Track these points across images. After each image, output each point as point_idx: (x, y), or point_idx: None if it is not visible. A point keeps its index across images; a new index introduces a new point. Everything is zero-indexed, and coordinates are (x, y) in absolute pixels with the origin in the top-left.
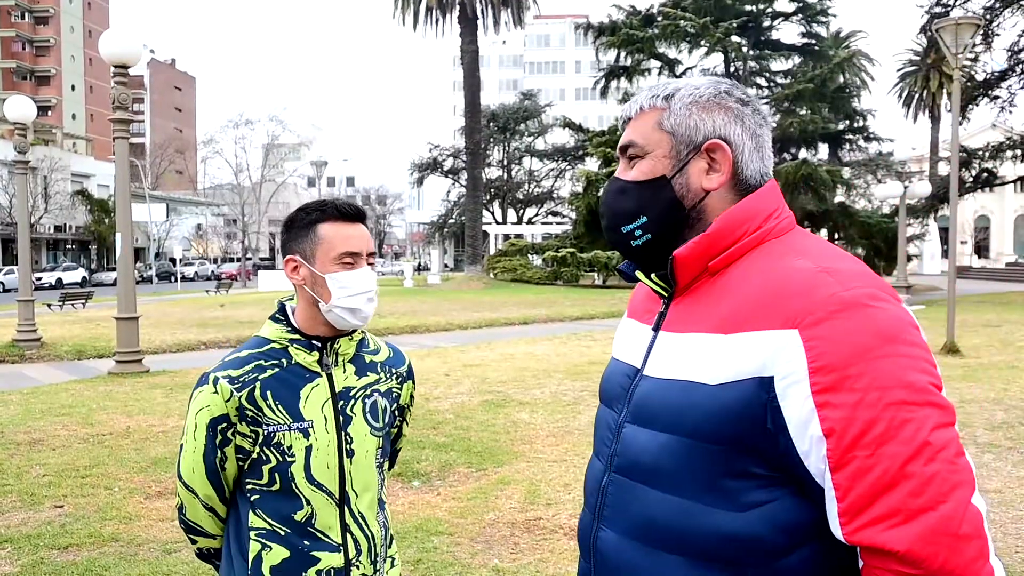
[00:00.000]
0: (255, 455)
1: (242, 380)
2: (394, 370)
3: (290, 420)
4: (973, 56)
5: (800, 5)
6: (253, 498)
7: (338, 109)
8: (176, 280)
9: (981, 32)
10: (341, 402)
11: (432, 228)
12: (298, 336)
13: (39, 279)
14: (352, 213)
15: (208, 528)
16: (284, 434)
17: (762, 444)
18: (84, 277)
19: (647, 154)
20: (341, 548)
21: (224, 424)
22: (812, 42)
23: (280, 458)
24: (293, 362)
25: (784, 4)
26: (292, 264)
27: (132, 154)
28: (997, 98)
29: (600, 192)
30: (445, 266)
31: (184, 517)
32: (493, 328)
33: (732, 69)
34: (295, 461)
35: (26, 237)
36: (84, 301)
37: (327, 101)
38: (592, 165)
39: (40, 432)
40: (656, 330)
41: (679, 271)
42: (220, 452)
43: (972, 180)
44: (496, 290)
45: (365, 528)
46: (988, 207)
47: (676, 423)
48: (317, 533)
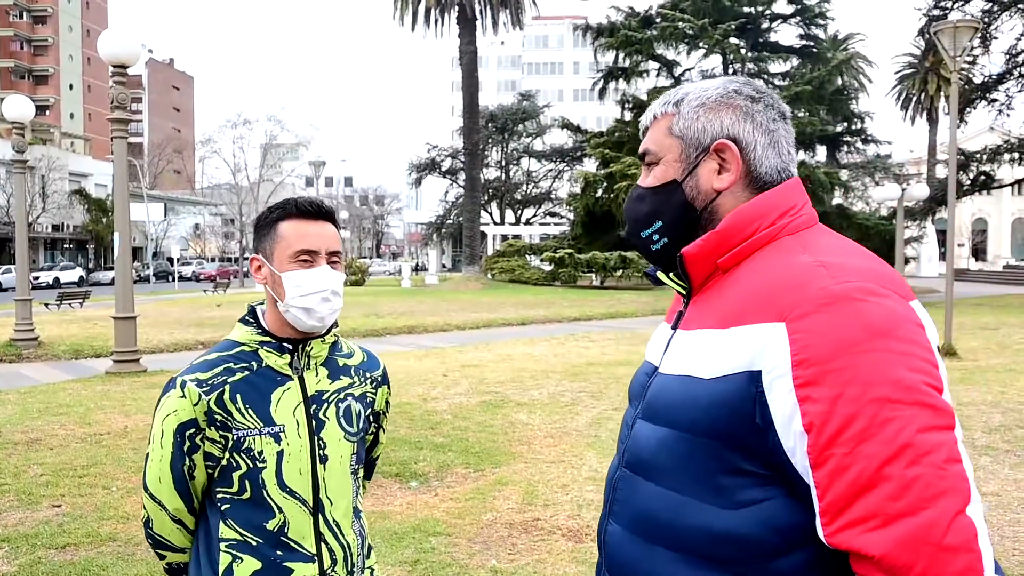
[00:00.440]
0: (225, 461)
1: (211, 383)
2: (368, 374)
3: (260, 424)
4: (971, 59)
5: (799, 7)
6: (224, 507)
7: (336, 109)
8: (174, 280)
9: (979, 35)
10: (313, 406)
11: (430, 228)
12: (268, 338)
13: (36, 278)
14: (314, 211)
15: (176, 542)
16: (254, 439)
17: (752, 440)
18: (81, 276)
19: (661, 160)
20: (315, 558)
21: (192, 429)
22: (810, 44)
23: (250, 464)
24: (264, 365)
25: (783, 6)
26: (255, 263)
27: (130, 153)
28: (995, 101)
29: (598, 193)
30: (443, 266)
31: (151, 531)
32: (491, 329)
33: (730, 71)
34: (266, 467)
35: (24, 236)
36: (81, 300)
37: (325, 101)
38: (590, 166)
39: (38, 432)
40: (674, 328)
41: (690, 269)
42: (188, 459)
43: (970, 183)
44: (494, 291)
45: (340, 537)
46: (985, 210)
47: (675, 417)
48: (290, 543)
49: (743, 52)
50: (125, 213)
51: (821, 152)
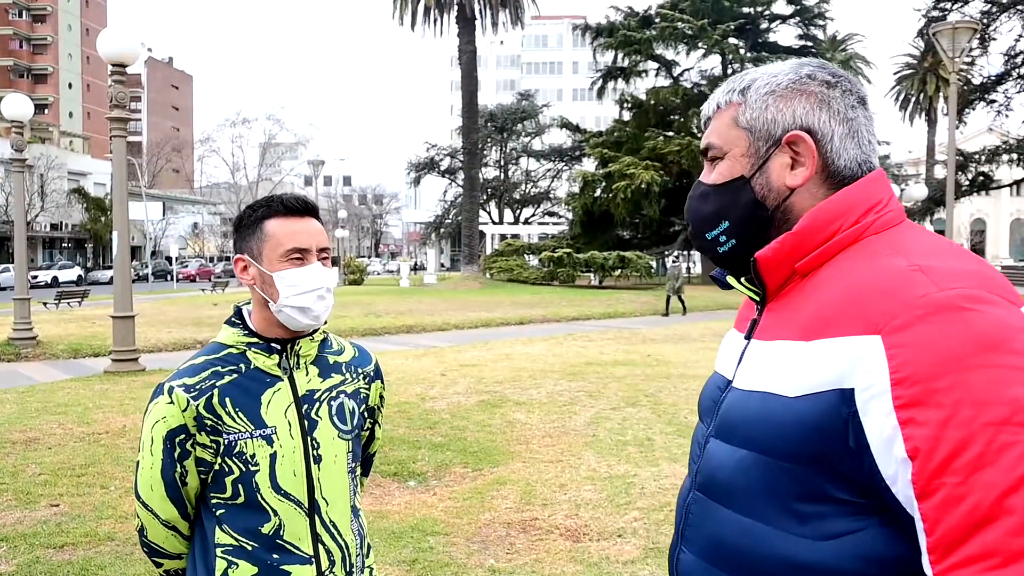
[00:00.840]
0: (217, 466)
1: (199, 388)
2: (360, 370)
3: (252, 427)
4: (970, 60)
5: (798, 8)
6: (219, 513)
7: (335, 108)
8: (172, 279)
9: (978, 36)
10: (305, 406)
11: (429, 228)
12: (256, 339)
13: (35, 277)
14: (300, 208)
15: (171, 549)
16: (246, 442)
17: (845, 465)
18: (80, 275)
19: (726, 154)
20: (313, 560)
21: (182, 436)
22: (809, 45)
23: (243, 468)
24: (252, 367)
25: (782, 6)
26: (241, 264)
27: (129, 152)
28: (994, 102)
29: (596, 193)
30: (442, 266)
31: (146, 539)
32: (489, 328)
33: (729, 71)
34: (259, 470)
35: (22, 235)
36: (80, 300)
37: (324, 100)
38: (589, 166)
39: (36, 431)
40: (748, 338)
41: (764, 274)
42: (180, 466)
43: (968, 183)
44: (492, 290)
45: (338, 538)
46: (984, 210)
47: (752, 437)
48: (286, 545)
49: (742, 52)
50: (124, 212)
51: None
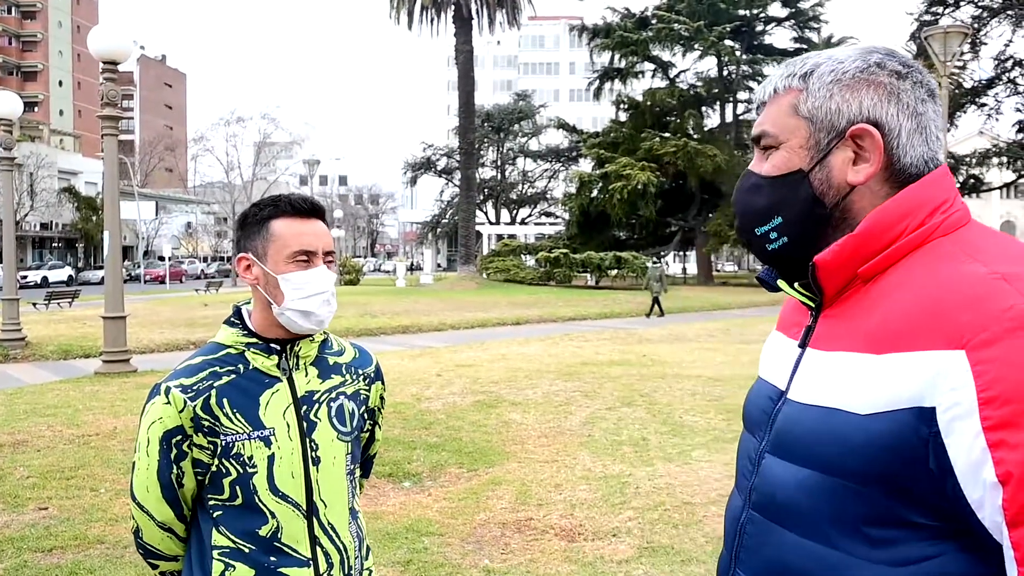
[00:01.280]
0: (215, 468)
1: (196, 388)
2: (360, 371)
3: (249, 428)
4: (961, 64)
5: (793, 10)
6: (216, 514)
7: (331, 107)
8: (165, 279)
9: (969, 41)
10: (304, 407)
11: (425, 228)
12: (255, 340)
13: (24, 277)
14: (307, 209)
15: (167, 551)
16: (244, 444)
17: (923, 488)
18: (71, 275)
19: (782, 144)
20: (311, 562)
21: (179, 437)
22: (804, 47)
23: (240, 470)
24: (251, 367)
25: (777, 9)
26: (244, 263)
27: (121, 151)
28: (984, 105)
29: (593, 193)
30: (438, 266)
31: (141, 540)
32: (485, 328)
33: (725, 73)
34: (257, 472)
35: (11, 235)
36: (70, 300)
37: (320, 99)
38: (586, 166)
39: (24, 433)
40: (803, 347)
41: (823, 279)
42: (176, 468)
43: (959, 186)
44: (489, 290)
45: (336, 540)
46: (975, 212)
47: (818, 456)
48: (284, 548)
49: (738, 54)
50: (115, 211)
51: None
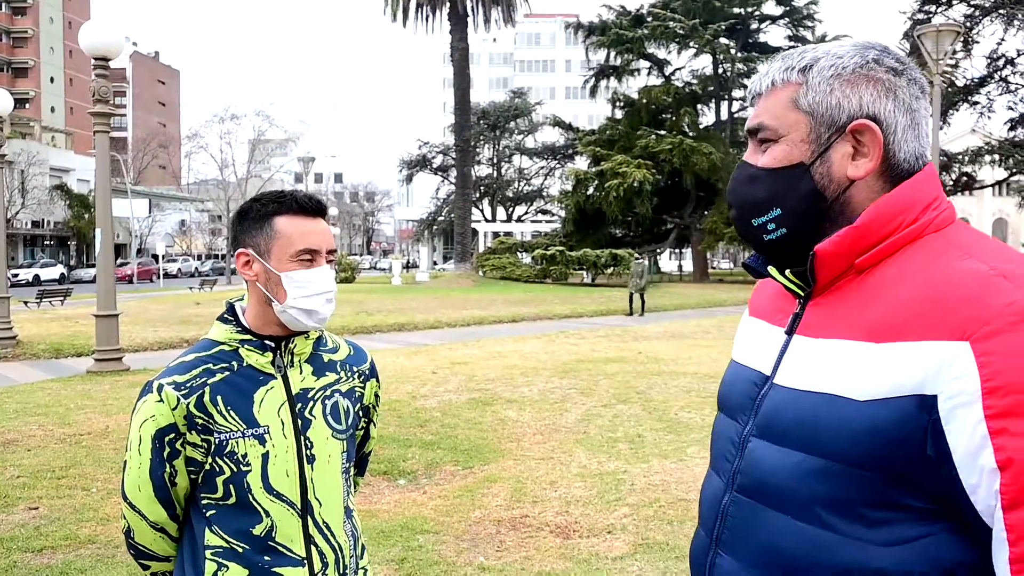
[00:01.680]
0: (208, 466)
1: (189, 386)
2: (355, 368)
3: (243, 426)
4: (953, 63)
5: (787, 9)
6: (209, 513)
7: (326, 105)
8: (159, 277)
9: (961, 39)
10: (299, 405)
11: (421, 225)
12: (249, 337)
13: (16, 276)
14: (313, 207)
15: (159, 551)
16: (238, 442)
17: (919, 473)
18: (63, 274)
19: (782, 137)
20: (305, 562)
21: (172, 435)
22: (798, 46)
23: (234, 468)
24: (245, 364)
25: (771, 8)
26: (244, 258)
27: (114, 148)
28: (976, 104)
29: (589, 191)
30: (434, 264)
31: (132, 541)
32: (482, 326)
33: (720, 70)
34: (251, 470)
35: (2, 232)
36: (62, 298)
37: (315, 96)
38: (582, 164)
39: (15, 432)
40: (790, 333)
41: (820, 268)
42: (169, 466)
43: (952, 184)
44: (485, 288)
45: (331, 539)
46: (967, 210)
47: (814, 441)
48: (278, 547)
49: (733, 52)
50: (107, 209)
51: None
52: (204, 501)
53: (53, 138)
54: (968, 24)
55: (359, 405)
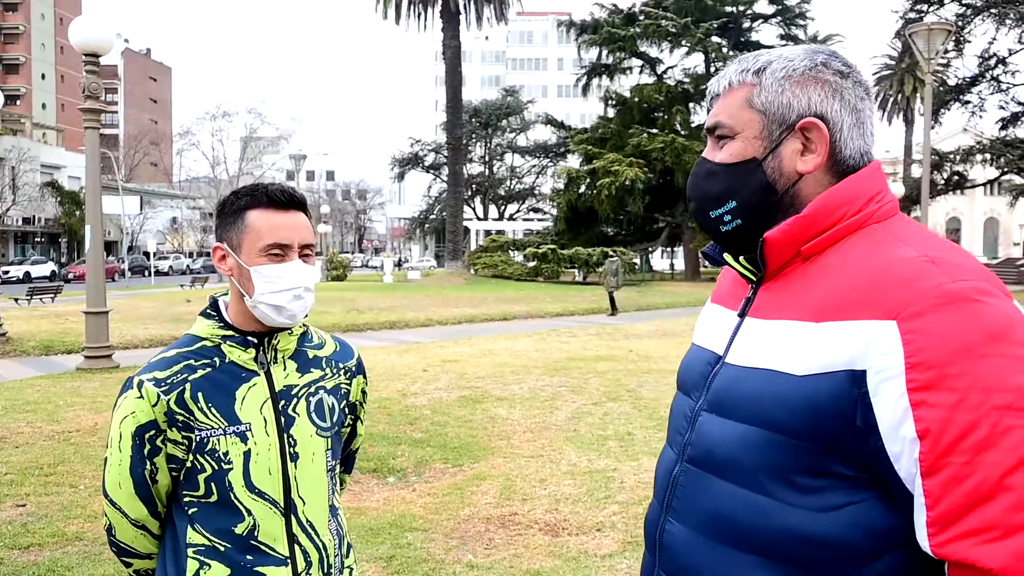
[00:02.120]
0: (189, 464)
1: (170, 382)
2: (341, 365)
3: (225, 424)
4: (945, 62)
5: (779, 7)
6: (191, 511)
7: (318, 102)
8: (150, 274)
9: (953, 38)
10: (282, 402)
11: (413, 223)
12: (231, 332)
13: (6, 272)
14: (285, 200)
15: (141, 548)
16: (219, 439)
17: (849, 442)
18: (53, 271)
19: (737, 135)
20: (288, 561)
21: (152, 432)
22: (790, 44)
23: (216, 466)
24: (227, 360)
25: (764, 6)
26: (219, 253)
27: (105, 145)
28: (968, 103)
29: (581, 189)
30: (425, 261)
31: (114, 538)
32: (473, 324)
33: (712, 69)
34: (232, 468)
35: None
36: (53, 295)
37: (307, 94)
38: (574, 162)
39: (3, 429)
40: (742, 316)
41: (769, 255)
42: (149, 463)
43: (944, 183)
44: (476, 286)
45: (315, 538)
46: (959, 209)
47: (756, 414)
48: (261, 546)
49: (725, 51)
50: (97, 206)
51: None
52: (186, 499)
53: (44, 135)
54: (960, 23)
55: (345, 402)
